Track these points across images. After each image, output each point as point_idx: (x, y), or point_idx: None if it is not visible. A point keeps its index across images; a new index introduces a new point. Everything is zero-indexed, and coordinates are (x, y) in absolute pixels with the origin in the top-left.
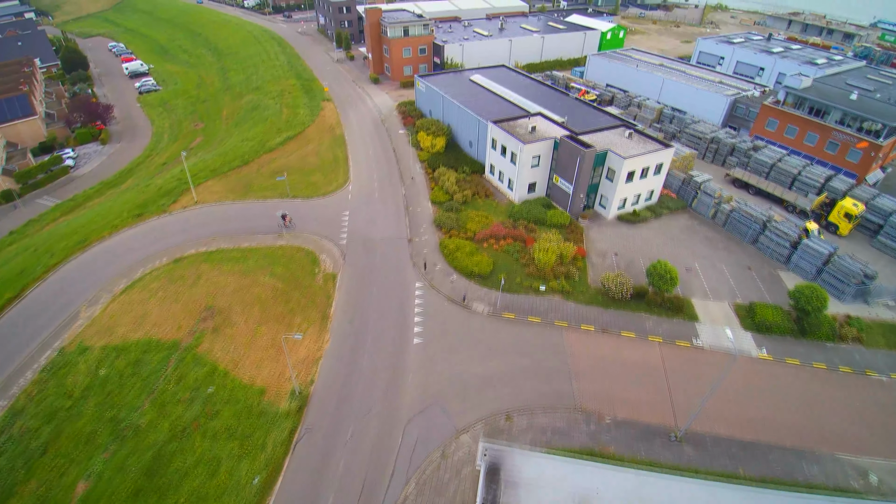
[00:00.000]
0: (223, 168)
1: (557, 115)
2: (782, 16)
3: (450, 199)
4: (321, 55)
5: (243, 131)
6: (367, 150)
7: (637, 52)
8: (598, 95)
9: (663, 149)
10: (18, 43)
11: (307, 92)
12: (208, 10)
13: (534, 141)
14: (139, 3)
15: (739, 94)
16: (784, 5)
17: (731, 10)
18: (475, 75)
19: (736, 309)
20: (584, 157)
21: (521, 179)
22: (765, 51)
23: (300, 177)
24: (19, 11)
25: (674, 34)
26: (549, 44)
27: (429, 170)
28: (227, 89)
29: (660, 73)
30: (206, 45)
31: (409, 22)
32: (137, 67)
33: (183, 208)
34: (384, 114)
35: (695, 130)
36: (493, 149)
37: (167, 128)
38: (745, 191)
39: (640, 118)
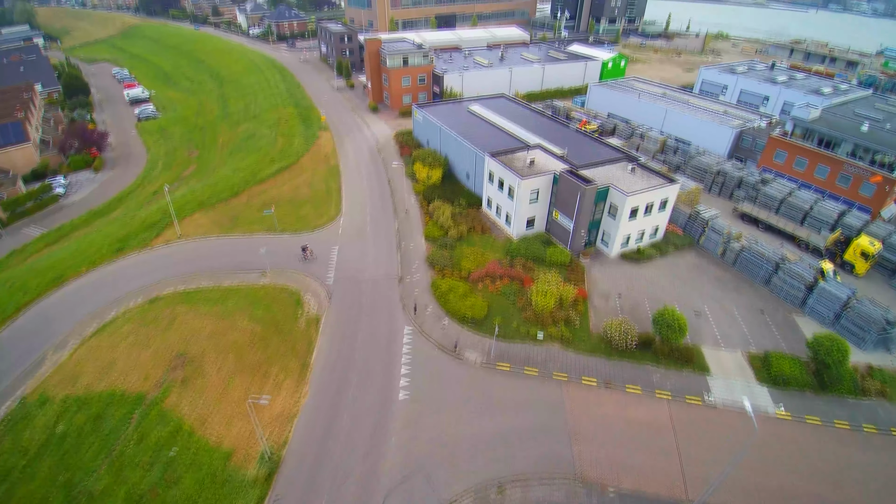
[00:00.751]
0: (211, 200)
1: (557, 147)
2: (784, 44)
3: (444, 235)
4: (322, 83)
5: (236, 161)
6: (361, 182)
7: (639, 81)
8: (599, 126)
9: (668, 184)
10: (21, 68)
11: (304, 120)
12: (213, 38)
13: (532, 175)
14: (146, 31)
15: (745, 125)
16: (785, 33)
17: (732, 39)
18: (474, 105)
19: (750, 359)
20: (585, 193)
21: (518, 215)
22: (769, 80)
23: (290, 209)
24: (28, 36)
25: (675, 63)
26: (549, 73)
27: (424, 202)
28: (225, 117)
29: (662, 102)
30: (209, 72)
31: (409, 52)
32: (139, 94)
33: (165, 243)
34: (381, 143)
35: (700, 162)
36: (491, 182)
37: (162, 155)
38: (754, 226)
39: (643, 149)
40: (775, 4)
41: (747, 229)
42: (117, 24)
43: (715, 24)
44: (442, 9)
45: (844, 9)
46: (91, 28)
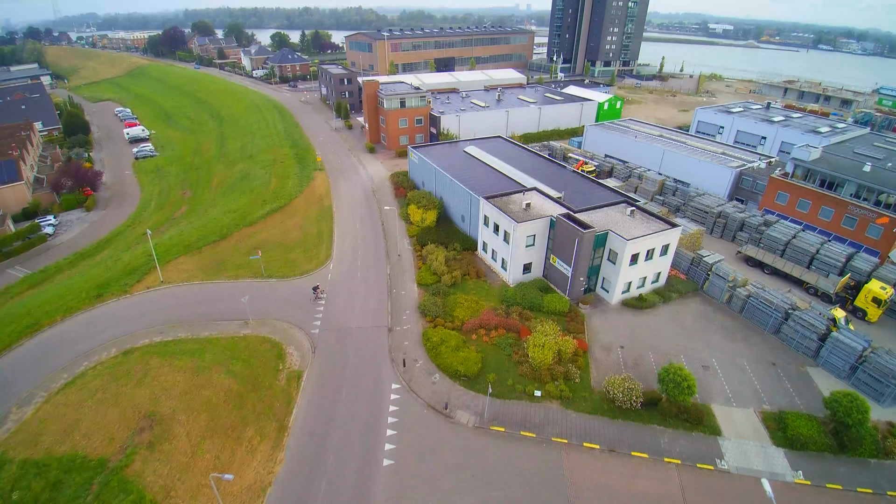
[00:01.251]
0: (198, 243)
1: (554, 189)
2: (778, 84)
3: (437, 281)
4: (320, 124)
5: (229, 202)
6: (354, 224)
7: (634, 122)
8: (596, 167)
9: (669, 228)
10: (22, 106)
11: (300, 161)
12: (216, 79)
13: (528, 220)
14: (152, 71)
15: (745, 166)
16: (778, 73)
17: (725, 80)
18: (470, 147)
19: (764, 419)
20: (583, 238)
21: (515, 260)
22: (765, 120)
23: (279, 253)
24: (35, 74)
25: (671, 103)
26: (546, 114)
27: (417, 246)
28: (221, 157)
29: (659, 144)
30: (210, 112)
31: (406, 94)
32: (138, 133)
33: (147, 289)
34: (376, 184)
35: (700, 204)
36: (486, 226)
37: (156, 195)
38: (759, 270)
39: (642, 190)
40: (766, 45)
41: (752, 273)
42: (125, 64)
43: (708, 65)
44: (441, 53)
45: (834, 48)
46: (99, 67)
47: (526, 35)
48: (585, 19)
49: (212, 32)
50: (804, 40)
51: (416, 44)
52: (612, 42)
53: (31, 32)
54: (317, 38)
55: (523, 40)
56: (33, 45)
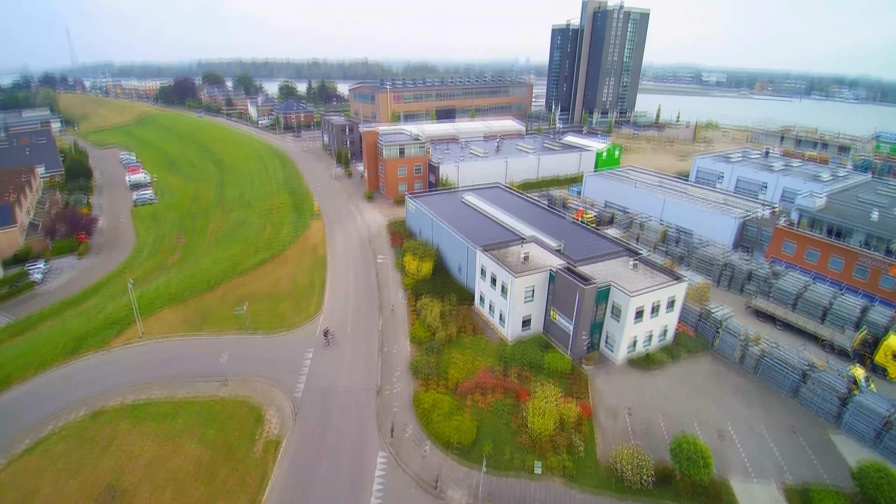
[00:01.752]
0: (184, 294)
1: (553, 239)
2: (774, 131)
3: (431, 337)
4: (321, 171)
5: (221, 250)
6: (347, 274)
7: (634, 170)
8: (596, 215)
9: (675, 282)
10: (27, 151)
11: (297, 208)
12: (221, 128)
13: (527, 272)
14: (161, 119)
15: (749, 215)
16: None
17: (721, 128)
18: (468, 195)
19: (787, 494)
20: (584, 293)
21: (513, 315)
22: (765, 167)
23: (267, 305)
24: (46, 119)
25: (669, 152)
26: (544, 163)
27: (412, 299)
28: (220, 203)
29: (660, 192)
30: (213, 159)
31: (405, 143)
32: (140, 179)
33: (126, 343)
34: (373, 232)
35: (705, 254)
36: (483, 278)
37: (150, 242)
38: (770, 323)
39: (644, 239)
40: (759, 95)
41: (764, 328)
42: (135, 112)
43: (703, 113)
44: (442, 103)
45: (827, 96)
46: (110, 115)
47: (524, 86)
48: (582, 71)
49: (221, 83)
50: (797, 89)
51: (418, 94)
52: (608, 93)
53: (47, 79)
54: (323, 88)
55: (522, 91)
56: (46, 91)
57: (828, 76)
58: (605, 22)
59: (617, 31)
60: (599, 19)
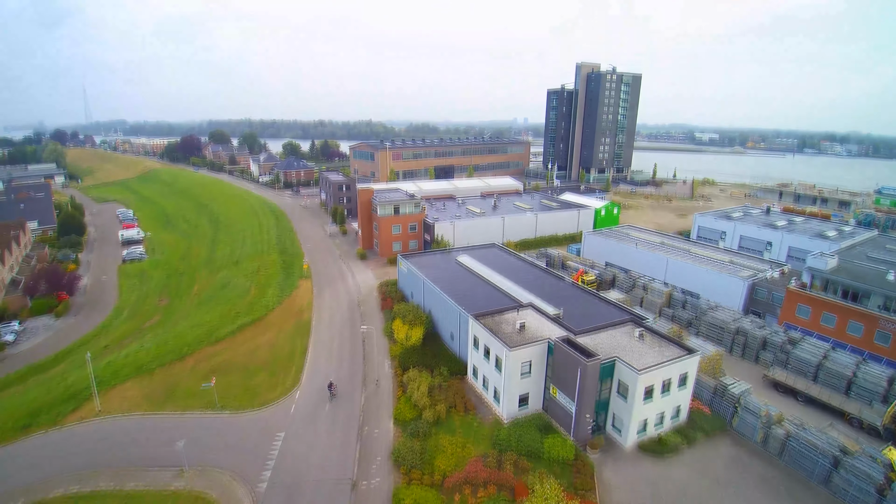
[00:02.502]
0: (152, 364)
1: (552, 305)
2: (772, 188)
3: (418, 417)
4: (316, 229)
5: (201, 313)
6: (332, 342)
7: (634, 228)
8: (597, 276)
9: (686, 356)
10: (21, 205)
11: (286, 269)
12: (222, 184)
13: (523, 344)
14: (163, 175)
15: (758, 276)
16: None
17: (719, 185)
18: (462, 256)
19: None
20: (587, 369)
21: (509, 392)
22: (768, 225)
23: (241, 378)
24: (50, 174)
25: (667, 209)
26: (542, 221)
27: (399, 370)
28: (209, 262)
29: (662, 251)
30: (209, 215)
31: (400, 201)
32: (133, 235)
33: (81, 420)
34: (363, 294)
35: (714, 319)
36: (476, 348)
37: (132, 302)
38: (791, 397)
39: (648, 302)
40: (752, 152)
41: (784, 403)
42: (139, 167)
43: (699, 171)
44: (440, 161)
45: (819, 152)
46: (114, 170)
47: (522, 145)
48: (578, 131)
49: (227, 141)
50: (788, 145)
51: (417, 153)
52: (604, 151)
53: (57, 135)
54: (325, 147)
55: (520, 150)
56: (54, 146)
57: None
58: (599, 84)
59: (610, 93)
60: (593, 82)
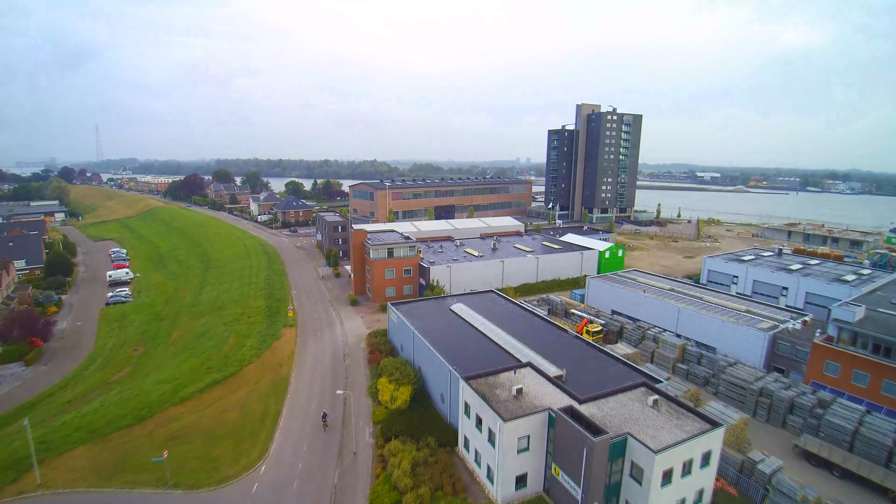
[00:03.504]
0: (107, 428)
1: (553, 364)
2: (779, 227)
3: (398, 502)
4: (308, 271)
5: (172, 367)
6: (310, 402)
7: (640, 273)
8: (603, 326)
9: (709, 430)
10: (10, 244)
11: (270, 316)
12: (219, 223)
13: (519, 415)
14: (162, 213)
15: (779, 328)
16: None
17: (725, 224)
18: (457, 304)
19: None
20: (594, 449)
21: (503, 470)
22: (782, 268)
23: (202, 446)
24: (51, 211)
25: (673, 249)
26: (544, 264)
27: (380, 439)
28: (193, 306)
29: (672, 300)
30: (201, 256)
31: (394, 244)
32: (121, 276)
33: (18, 495)
34: (351, 346)
35: (735, 378)
36: (467, 416)
37: (107, 350)
38: (826, 470)
39: (659, 357)
40: (755, 190)
41: (819, 478)
42: (140, 205)
43: (703, 210)
44: (441, 201)
45: (822, 189)
46: (116, 207)
47: (524, 184)
48: (580, 170)
49: (230, 180)
50: (791, 183)
51: (417, 193)
52: (607, 190)
53: (64, 172)
54: (328, 186)
55: (521, 189)
56: (57, 183)
57: (819, 171)
58: (600, 124)
59: (611, 133)
60: (594, 122)
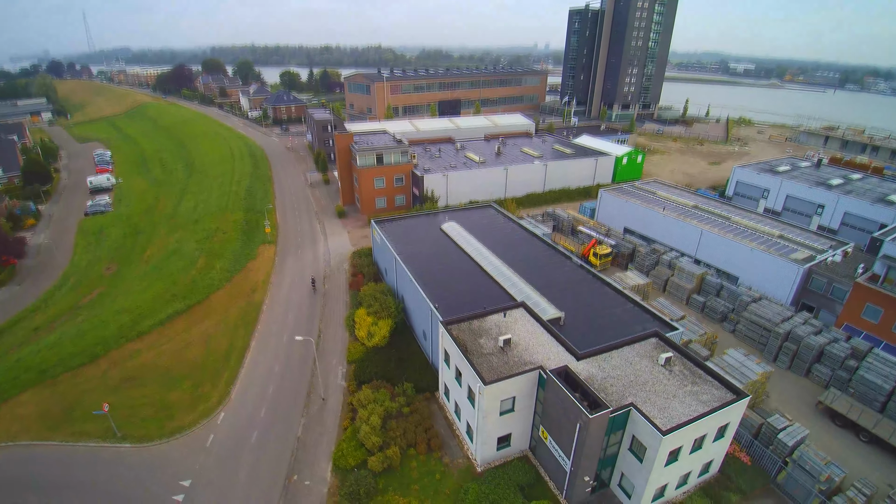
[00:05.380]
0: (57, 368)
1: (552, 301)
2: (816, 131)
3: (364, 461)
4: (296, 177)
5: (136, 292)
6: (282, 335)
7: (660, 185)
8: (613, 247)
9: (732, 401)
10: None
11: (247, 232)
12: (206, 121)
13: (503, 377)
14: (149, 110)
15: (815, 260)
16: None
17: (756, 125)
18: (449, 223)
19: None
20: (589, 425)
21: (483, 433)
22: (821, 183)
23: (157, 390)
24: (37, 110)
25: (698, 154)
26: (553, 172)
27: (353, 382)
28: (171, 218)
29: (695, 220)
30: (185, 159)
31: (384, 148)
32: (102, 182)
33: None
34: (333, 266)
35: (758, 317)
36: (447, 366)
37: (82, 267)
38: (852, 433)
39: (674, 286)
40: (790, 85)
41: (842, 440)
42: (128, 101)
43: (733, 107)
44: (445, 95)
45: (861, 88)
46: (105, 104)
47: (538, 76)
48: (602, 60)
49: (221, 70)
50: (829, 80)
51: (419, 85)
52: (631, 83)
53: (53, 66)
54: (325, 77)
55: (535, 82)
56: (43, 80)
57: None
58: (629, 3)
59: (642, 14)
60: (622, 1)
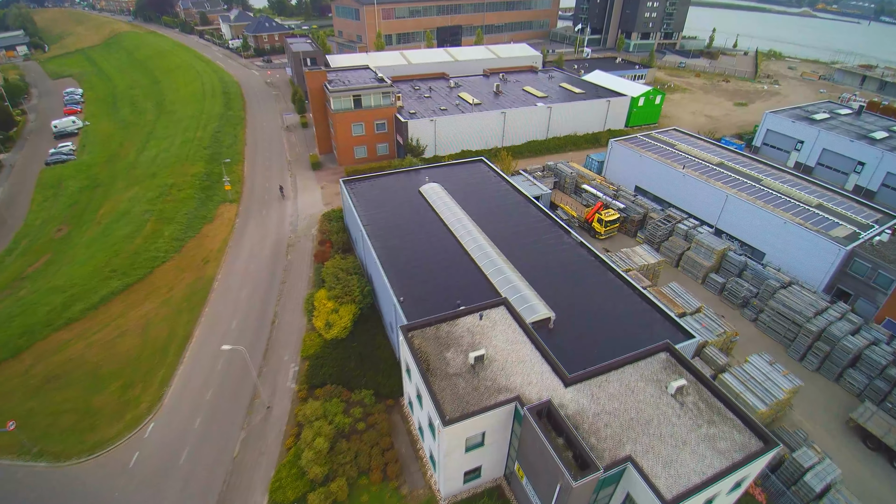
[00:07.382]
0: None
1: (542, 293)
2: (853, 69)
3: (306, 493)
4: (272, 119)
5: (76, 265)
6: (231, 321)
7: (680, 135)
8: (621, 211)
9: (757, 453)
10: None
11: (207, 188)
12: (182, 51)
13: (467, 415)
14: (126, 40)
15: (859, 239)
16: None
17: (786, 59)
18: (429, 185)
19: None
20: (572, 493)
21: (447, 469)
22: (863, 136)
23: (81, 393)
24: (12, 44)
25: (723, 92)
26: (558, 116)
27: (303, 386)
28: (132, 168)
29: (720, 182)
30: (157, 97)
31: (363, 89)
32: (67, 126)
33: None
34: (301, 231)
35: (785, 308)
36: (409, 377)
37: (36, 227)
38: (884, 457)
39: (688, 262)
40: (823, 14)
41: (872, 463)
42: (107, 30)
43: (762, 38)
44: (445, 20)
45: None
46: (85, 34)
47: None
48: None
49: None
50: (863, 10)
51: (414, 10)
52: (653, 8)
53: None
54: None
55: (547, 4)
56: (18, 11)
57: None
58: None
59: None
60: None
